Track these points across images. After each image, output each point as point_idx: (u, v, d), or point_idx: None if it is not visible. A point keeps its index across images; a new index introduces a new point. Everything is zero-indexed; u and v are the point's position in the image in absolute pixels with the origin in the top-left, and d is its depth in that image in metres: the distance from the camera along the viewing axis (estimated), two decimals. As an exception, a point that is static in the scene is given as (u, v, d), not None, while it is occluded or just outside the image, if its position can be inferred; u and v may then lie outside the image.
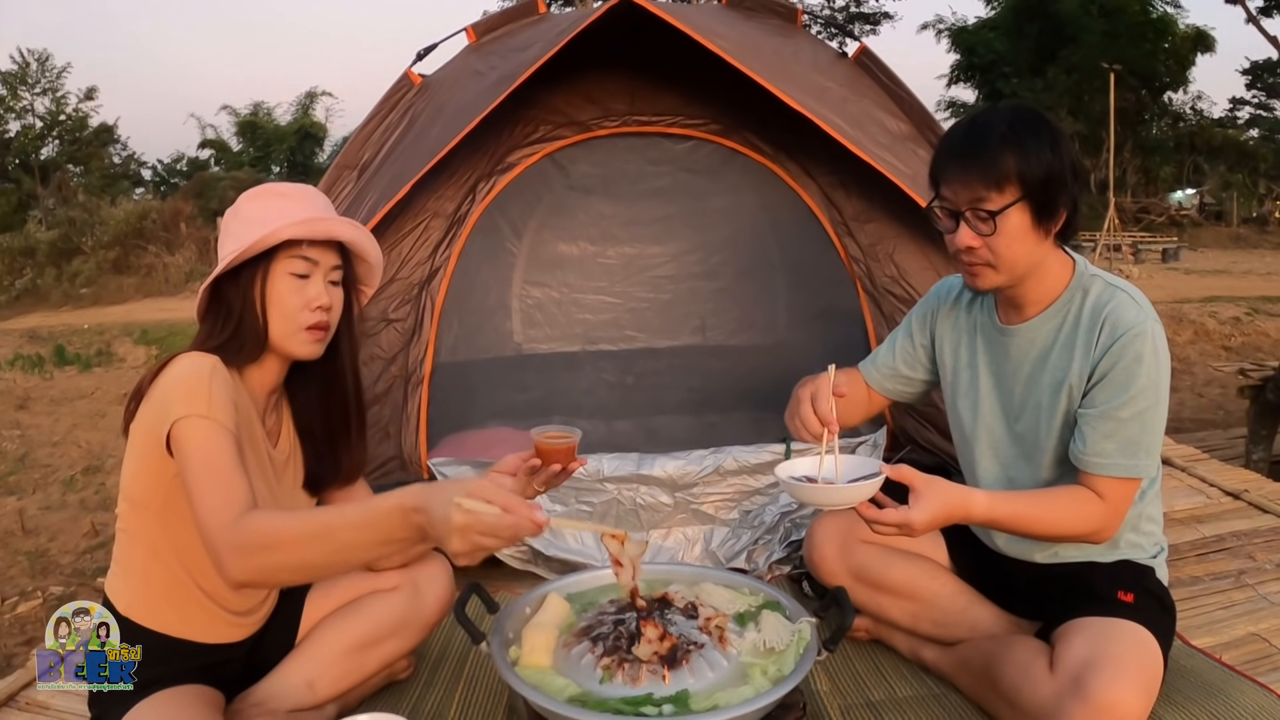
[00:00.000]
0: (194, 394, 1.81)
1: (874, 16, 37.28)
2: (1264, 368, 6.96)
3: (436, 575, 2.40)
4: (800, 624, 1.84)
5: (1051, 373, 2.29)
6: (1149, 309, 2.22)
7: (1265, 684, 2.53)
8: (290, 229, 1.96)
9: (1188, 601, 3.09)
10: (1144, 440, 2.15)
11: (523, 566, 3.32)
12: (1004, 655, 2.26)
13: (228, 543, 1.62)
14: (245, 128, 38.44)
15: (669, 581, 2.10)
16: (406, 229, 3.71)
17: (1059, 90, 34.80)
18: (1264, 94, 43.47)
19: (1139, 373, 2.14)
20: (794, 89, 3.32)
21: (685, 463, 3.27)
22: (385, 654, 2.38)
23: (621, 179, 4.02)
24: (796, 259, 3.99)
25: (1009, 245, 2.17)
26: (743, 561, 3.29)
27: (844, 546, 2.63)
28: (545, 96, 3.83)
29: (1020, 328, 2.35)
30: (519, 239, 4.07)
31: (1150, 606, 2.24)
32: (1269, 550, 3.56)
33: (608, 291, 4.22)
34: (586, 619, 1.88)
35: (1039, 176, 2.11)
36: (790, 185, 3.89)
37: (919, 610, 2.58)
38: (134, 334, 13.50)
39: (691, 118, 3.93)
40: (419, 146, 3.48)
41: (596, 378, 4.17)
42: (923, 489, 2.03)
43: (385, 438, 3.57)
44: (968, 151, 2.17)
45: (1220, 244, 30.65)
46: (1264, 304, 14.46)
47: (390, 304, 3.66)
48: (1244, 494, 4.15)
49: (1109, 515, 2.17)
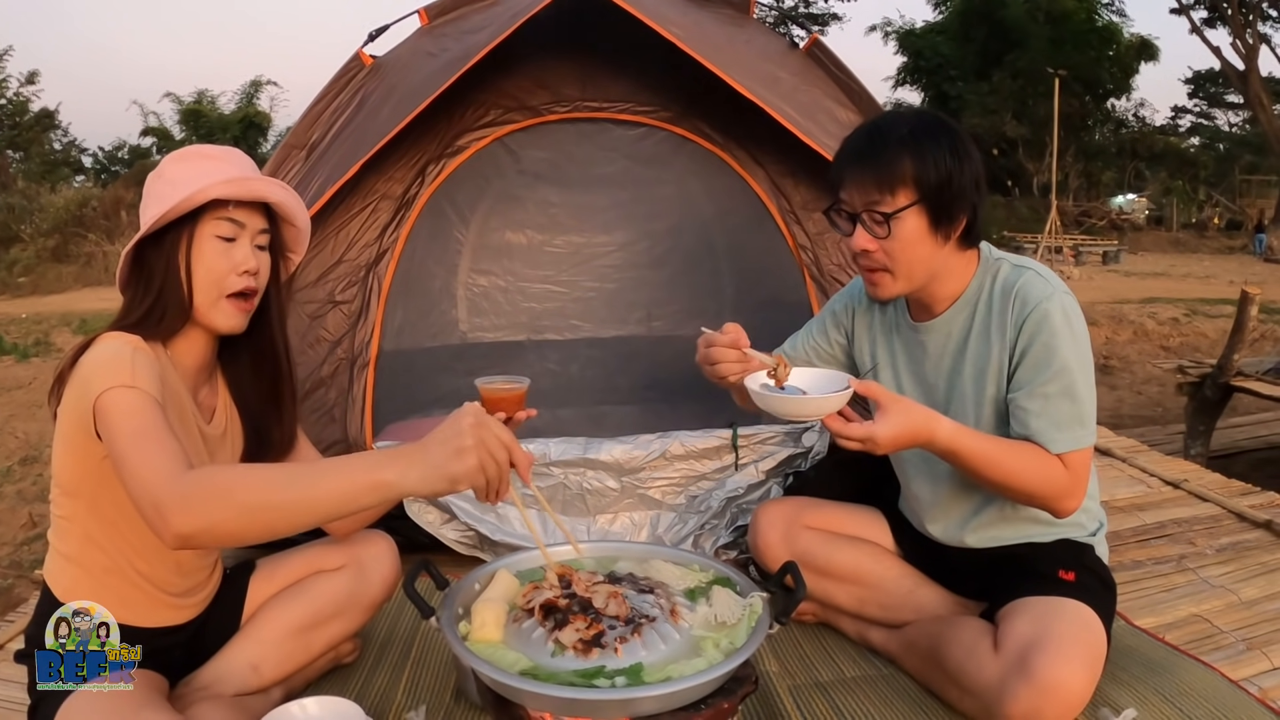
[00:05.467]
0: (116, 368, 1.72)
1: (822, 17, 37.57)
2: (1202, 365, 7.11)
3: (382, 555, 2.38)
4: (751, 598, 1.83)
5: (973, 361, 2.30)
6: (1057, 282, 2.24)
7: (1208, 662, 2.59)
8: (218, 188, 1.90)
9: (1130, 584, 3.15)
10: (1079, 411, 2.16)
11: (469, 552, 3.31)
12: (949, 636, 2.28)
13: (174, 494, 1.52)
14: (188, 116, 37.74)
15: (617, 559, 2.09)
16: (355, 210, 3.66)
17: (1004, 94, 35.25)
18: (1205, 103, 44.54)
19: (1057, 345, 2.15)
20: (745, 77, 3.33)
21: (632, 447, 3.26)
22: (331, 635, 2.35)
23: (571, 164, 4.00)
24: (744, 247, 4.00)
25: (904, 249, 2.19)
26: (689, 546, 3.29)
27: (788, 532, 2.65)
28: (497, 80, 3.81)
29: (933, 323, 2.37)
30: (466, 226, 4.02)
31: (1091, 584, 2.26)
32: (1209, 536, 3.65)
33: (554, 280, 4.19)
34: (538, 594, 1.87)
35: (935, 181, 2.13)
36: (739, 173, 3.89)
37: (865, 594, 2.60)
38: (73, 323, 13.29)
39: (642, 104, 3.92)
40: (369, 127, 3.44)
41: (541, 367, 4.13)
42: (889, 405, 2.03)
43: (331, 421, 3.53)
44: (865, 153, 2.19)
45: (1160, 248, 31.18)
46: (1202, 305, 14.74)
47: (337, 286, 3.61)
48: (1184, 484, 4.23)
49: (1074, 483, 2.17)
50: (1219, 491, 4.16)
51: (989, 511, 2.39)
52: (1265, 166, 38.72)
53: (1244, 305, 6.64)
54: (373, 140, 3.27)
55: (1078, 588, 2.21)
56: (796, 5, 36.83)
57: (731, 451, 3.30)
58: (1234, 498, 4.09)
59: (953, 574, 2.54)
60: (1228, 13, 30.51)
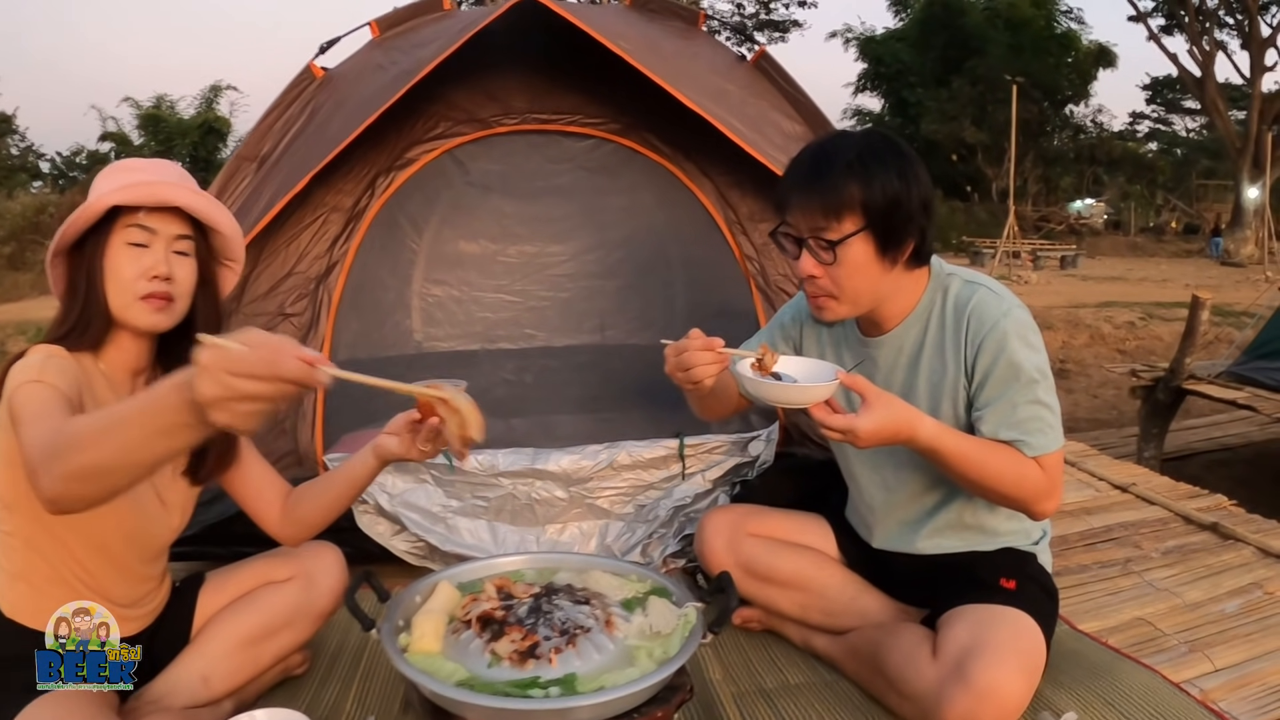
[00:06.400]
0: (26, 370, 1.76)
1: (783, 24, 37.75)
2: (1155, 369, 7.19)
3: (330, 565, 2.39)
4: (686, 608, 1.86)
5: (927, 376, 2.31)
6: (1010, 297, 2.26)
7: (1150, 665, 2.62)
8: (115, 195, 1.92)
9: (1075, 588, 3.19)
10: (1046, 415, 2.19)
11: (419, 562, 3.31)
12: (890, 643, 2.31)
13: (42, 455, 1.50)
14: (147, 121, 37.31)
15: (557, 569, 2.11)
16: (305, 222, 3.65)
17: (963, 100, 35.50)
18: (1163, 109, 45.13)
19: (1019, 361, 2.17)
20: (692, 90, 3.36)
21: (580, 457, 3.28)
22: (280, 646, 2.36)
23: (520, 176, 4.00)
24: (694, 258, 4.01)
25: (850, 275, 2.19)
26: (638, 555, 3.31)
27: (732, 540, 2.67)
28: (447, 92, 3.81)
29: (884, 338, 2.38)
30: (420, 236, 4.01)
31: (1032, 592, 2.30)
32: (1155, 539, 3.70)
33: (508, 290, 4.18)
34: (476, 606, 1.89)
35: (882, 206, 2.12)
36: (687, 185, 3.92)
37: (808, 601, 2.63)
38: (28, 332, 13.07)
39: (591, 116, 3.94)
40: (319, 140, 3.44)
41: (496, 376, 4.12)
42: (873, 400, 2.02)
43: (281, 433, 3.51)
44: (811, 178, 2.17)
45: (1118, 252, 31.45)
46: (1157, 309, 14.85)
47: (287, 298, 3.61)
48: (1132, 487, 4.30)
49: (1051, 484, 2.19)
50: (1167, 495, 4.24)
51: (941, 516, 2.43)
52: (1222, 171, 39.04)
53: (1195, 310, 6.73)
54: (322, 153, 3.27)
55: (1018, 596, 2.24)
56: (757, 12, 37.00)
57: (679, 461, 3.34)
58: (1181, 500, 4.16)
59: (895, 581, 2.58)
60: (1185, 20, 30.77)
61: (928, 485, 2.43)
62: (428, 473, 3.32)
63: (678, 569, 3.29)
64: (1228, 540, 3.68)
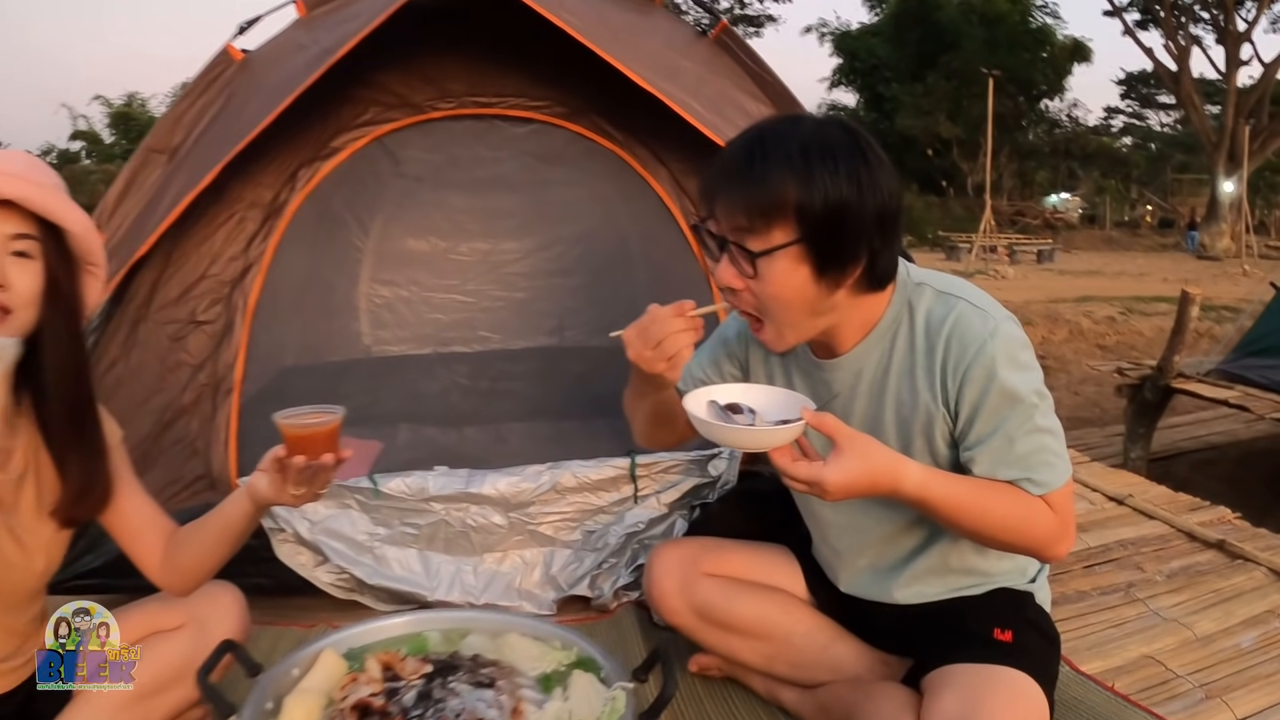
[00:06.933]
0: None
1: (758, 19, 37.84)
2: (1141, 366, 7.00)
3: (226, 611, 2.06)
4: (615, 690, 1.50)
5: (894, 407, 1.91)
6: (996, 309, 1.85)
7: (1161, 715, 2.32)
8: None
9: (1075, 620, 2.90)
10: (1050, 444, 1.81)
11: (346, 596, 2.98)
12: (868, 708, 1.93)
13: None
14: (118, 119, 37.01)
15: (467, 632, 1.74)
16: (219, 220, 3.31)
17: (939, 95, 35.74)
18: (1138, 104, 45.78)
19: (1014, 386, 1.78)
20: (643, 67, 3.01)
21: (519, 479, 2.93)
22: (172, 703, 2.02)
23: (456, 165, 3.67)
24: (653, 254, 3.68)
25: (777, 295, 1.75)
26: (586, 587, 2.97)
27: (685, 581, 2.28)
28: (378, 76, 3.48)
29: (840, 361, 1.96)
30: (365, 233, 3.73)
31: (1031, 642, 1.93)
32: (1158, 559, 3.41)
33: (460, 290, 3.90)
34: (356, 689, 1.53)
35: (821, 215, 1.67)
36: (640, 173, 3.56)
37: (773, 651, 2.25)
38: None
39: (535, 99, 3.58)
40: (233, 128, 3.10)
41: (450, 381, 3.84)
42: (845, 445, 1.64)
43: (193, 454, 3.17)
44: (741, 168, 1.73)
45: (1094, 246, 31.63)
46: (1137, 304, 14.74)
47: (200, 304, 3.26)
48: (1128, 499, 3.99)
49: (1063, 524, 1.81)
50: (1166, 507, 3.95)
51: (921, 562, 2.05)
52: (1196, 165, 39.43)
53: (1184, 306, 6.52)
54: (235, 141, 2.94)
55: (1015, 650, 1.87)
56: (731, 7, 36.87)
57: (630, 482, 2.98)
58: (1182, 514, 3.87)
59: (873, 628, 2.21)
60: (1160, 15, 31.00)
61: (904, 526, 2.04)
62: (352, 497, 2.98)
63: (630, 603, 2.96)
64: (1236, 560, 3.39)
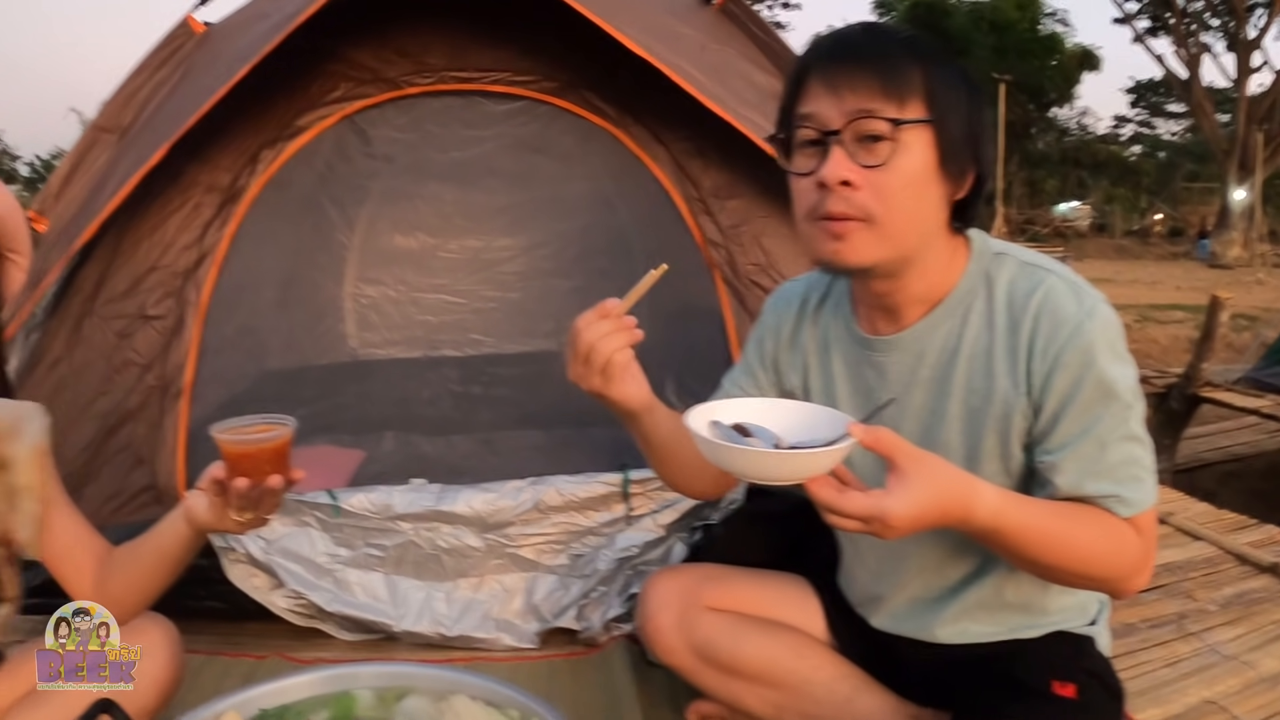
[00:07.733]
0: None
1: (765, 25, 37.93)
2: (1167, 375, 6.91)
3: (154, 650, 1.80)
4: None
5: (963, 396, 1.57)
6: (1087, 287, 1.52)
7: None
8: None
9: (1126, 658, 2.62)
10: (1142, 456, 1.48)
11: (305, 623, 2.73)
12: (900, 776, 1.61)
13: None
14: (127, 123, 37.25)
15: (407, 691, 1.40)
16: (173, 206, 3.03)
17: (947, 102, 35.79)
18: (1147, 112, 45.92)
19: (1112, 379, 1.45)
20: (639, 32, 2.71)
21: (497, 496, 2.62)
22: None
23: (431, 146, 3.42)
24: (651, 245, 3.41)
25: (901, 189, 1.44)
26: (572, 619, 2.66)
27: (684, 616, 1.93)
28: (349, 49, 3.20)
29: (897, 338, 1.63)
30: (351, 229, 3.58)
31: (1096, 698, 1.61)
32: (1209, 586, 3.13)
33: (450, 290, 3.85)
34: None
35: (952, 104, 1.46)
36: (637, 154, 3.21)
37: (785, 700, 1.89)
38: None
39: (521, 74, 3.25)
40: (187, 104, 2.82)
41: (441, 387, 3.71)
42: (908, 468, 1.29)
43: (138, 464, 2.89)
44: (861, 48, 1.48)
45: (1104, 255, 31.58)
46: (1152, 312, 14.76)
47: (150, 298, 2.98)
48: (1170, 518, 3.67)
49: (1146, 552, 1.48)
50: (1212, 526, 3.65)
51: (972, 594, 1.70)
52: (1206, 174, 39.45)
53: (1214, 312, 6.46)
54: (186, 118, 2.67)
55: (1079, 709, 1.55)
56: (739, 14, 36.98)
57: (623, 500, 2.67)
58: (1229, 534, 3.57)
59: (905, 675, 1.86)
60: (1170, 23, 30.88)
61: (953, 549, 1.69)
62: (310, 514, 2.71)
63: (622, 636, 2.64)
64: (1294, 587, 3.10)
